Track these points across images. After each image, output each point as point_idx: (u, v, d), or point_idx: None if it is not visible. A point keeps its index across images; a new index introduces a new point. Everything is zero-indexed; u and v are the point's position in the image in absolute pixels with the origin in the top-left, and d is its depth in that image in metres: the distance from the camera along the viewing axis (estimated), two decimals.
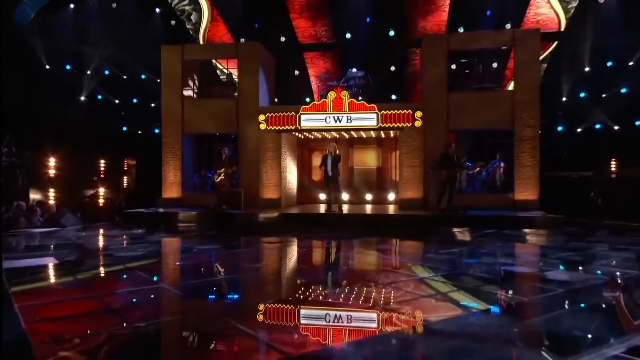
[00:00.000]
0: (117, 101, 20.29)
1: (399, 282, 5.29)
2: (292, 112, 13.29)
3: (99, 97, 19.62)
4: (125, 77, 19.94)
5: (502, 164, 13.58)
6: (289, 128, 13.34)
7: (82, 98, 18.96)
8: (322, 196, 12.60)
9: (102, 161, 16.59)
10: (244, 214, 11.98)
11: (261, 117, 13.38)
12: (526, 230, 10.36)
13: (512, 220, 10.99)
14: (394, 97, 18.95)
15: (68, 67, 18.99)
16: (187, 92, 14.33)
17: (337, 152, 12.16)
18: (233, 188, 13.20)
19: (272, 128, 13.35)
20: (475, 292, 4.80)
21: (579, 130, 18.31)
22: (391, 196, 15.13)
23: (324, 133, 14.57)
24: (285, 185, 14.02)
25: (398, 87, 18.71)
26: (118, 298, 4.53)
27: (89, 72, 18.87)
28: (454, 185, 11.62)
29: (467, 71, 13.82)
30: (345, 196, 15.62)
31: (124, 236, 9.56)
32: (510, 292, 4.93)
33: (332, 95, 13.29)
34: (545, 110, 15.11)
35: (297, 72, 20.60)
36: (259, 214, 11.97)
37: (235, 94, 13.88)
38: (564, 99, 18.36)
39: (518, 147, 12.65)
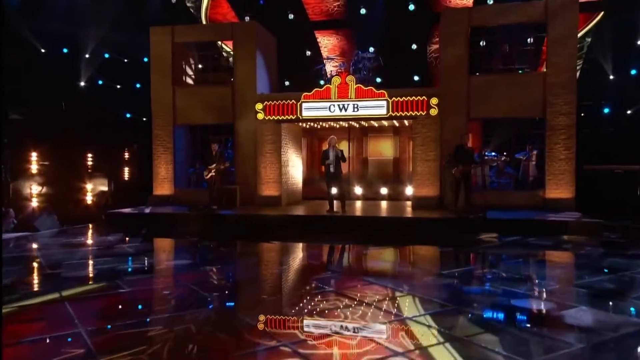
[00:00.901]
0: (118, 86, 19.78)
1: (373, 326, 4.39)
2: (293, 100, 12.39)
3: (100, 82, 19.15)
4: (126, 60, 19.38)
5: (531, 156, 12.34)
6: (289, 118, 12.46)
7: (82, 84, 18.52)
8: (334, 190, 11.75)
9: (90, 153, 16.09)
10: (235, 215, 11.23)
11: (258, 106, 12.53)
12: (556, 238, 9.22)
13: (540, 225, 9.86)
14: (416, 78, 17.74)
15: (65, 50, 18.54)
16: (184, 80, 13.59)
17: (338, 145, 11.22)
18: (228, 185, 12.48)
19: (271, 118, 12.51)
20: (462, 348, 3.86)
21: (628, 112, 16.63)
22: (409, 190, 14.05)
23: (331, 122, 13.59)
24: (287, 180, 13.20)
25: (420, 70, 17.43)
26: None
27: (87, 56, 18.37)
28: (469, 182, 10.62)
29: (491, 51, 12.52)
30: (358, 190, 14.87)
31: (89, 245, 8.97)
32: (510, 346, 3.95)
33: (336, 80, 12.30)
34: (588, 92, 13.70)
35: (308, 53, 19.59)
36: (254, 215, 11.20)
37: (233, 79, 13.02)
38: (611, 77, 16.72)
39: (550, 138, 11.38)
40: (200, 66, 13.96)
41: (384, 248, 8.92)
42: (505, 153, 12.65)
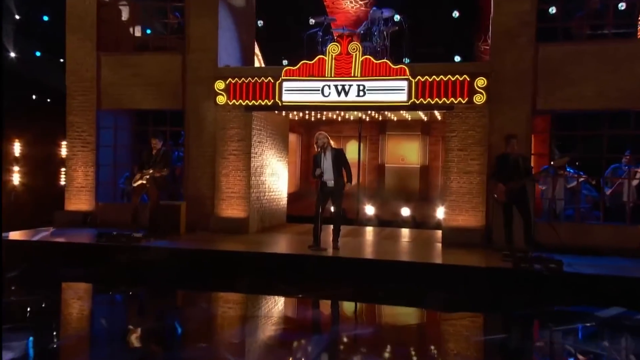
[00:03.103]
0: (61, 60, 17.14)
1: None
2: (269, 78, 9.60)
3: (37, 54, 16.55)
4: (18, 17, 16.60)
5: (632, 173, 9.18)
6: (264, 104, 9.69)
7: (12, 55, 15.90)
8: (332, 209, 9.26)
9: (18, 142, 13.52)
10: (166, 250, 8.35)
11: (219, 85, 9.79)
12: None
13: None
14: (457, 59, 14.72)
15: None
16: (115, 44, 10.85)
17: (332, 144, 8.40)
18: (168, 201, 9.70)
19: (238, 103, 9.77)
20: None
21: None
22: (441, 213, 11.40)
23: (328, 112, 10.81)
24: (259, 195, 10.44)
25: (462, 42, 14.37)
26: None
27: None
28: (526, 208, 7.92)
29: (572, 6, 9.50)
30: (369, 209, 12.31)
31: None
32: None
33: (333, 49, 9.45)
34: None
35: (312, 22, 16.63)
36: (194, 252, 8.33)
37: (185, 46, 10.24)
38: None
39: None
40: (137, 26, 11.24)
41: (390, 325, 5.95)
42: (582, 176, 9.51)
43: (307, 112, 10.73)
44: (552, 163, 8.76)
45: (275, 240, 9.70)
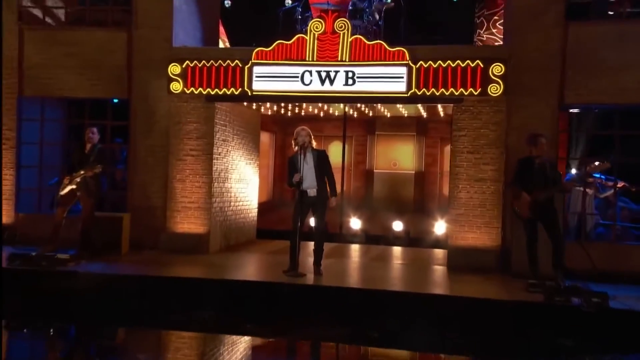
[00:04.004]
0: None
1: None
2: (237, 61, 8.42)
3: None
4: None
5: None
6: (230, 93, 8.53)
7: None
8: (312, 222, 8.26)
9: None
10: (100, 276, 6.95)
11: (174, 69, 8.61)
12: None
13: None
14: None
15: None
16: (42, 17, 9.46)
17: (313, 144, 7.20)
18: (108, 213, 8.36)
19: (197, 92, 8.61)
20: None
21: None
22: (440, 227, 10.90)
23: (308, 105, 9.64)
24: (223, 206, 9.30)
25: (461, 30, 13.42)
26: None
27: None
28: (554, 225, 6.86)
29: None
30: (355, 223, 11.39)
31: None
32: None
33: (316, 26, 8.31)
34: None
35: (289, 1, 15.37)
36: (134, 278, 6.93)
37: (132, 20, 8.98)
38: None
39: None
40: None
41: None
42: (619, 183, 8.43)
43: (282, 104, 9.63)
44: (585, 169, 7.67)
45: (242, 262, 8.48)
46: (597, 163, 7.04)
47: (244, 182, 10.09)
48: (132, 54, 8.87)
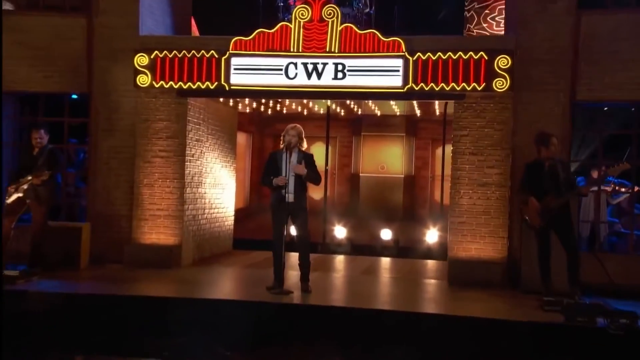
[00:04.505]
0: None
1: None
2: (212, 52, 7.93)
3: None
4: None
5: None
6: (204, 87, 7.98)
7: None
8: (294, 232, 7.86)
9: None
10: (45, 295, 6.32)
11: (141, 60, 8.06)
12: None
13: None
14: None
15: None
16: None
17: (304, 145, 6.68)
18: (64, 222, 7.76)
19: (167, 86, 8.05)
20: None
21: None
22: (432, 236, 10.46)
23: (291, 102, 9.21)
24: (197, 214, 8.74)
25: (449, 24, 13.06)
26: None
27: None
28: (570, 234, 6.48)
29: None
30: (340, 232, 10.79)
31: None
32: None
33: (302, 13, 7.83)
34: None
35: None
36: (98, 298, 6.25)
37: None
38: None
39: None
40: None
41: None
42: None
43: (263, 100, 9.05)
44: (603, 170, 7.24)
45: (219, 277, 7.86)
46: (618, 164, 6.58)
47: (219, 186, 9.51)
48: (93, 43, 8.31)
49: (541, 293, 6.37)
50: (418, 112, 10.44)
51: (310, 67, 7.64)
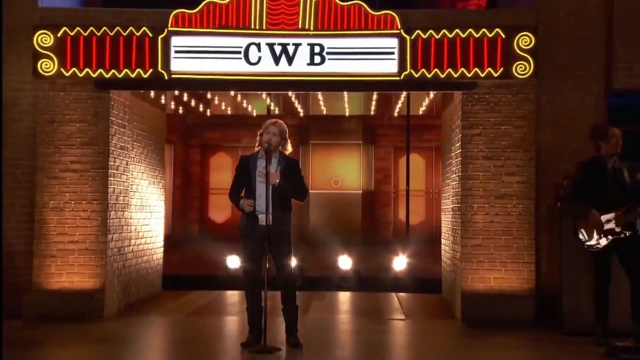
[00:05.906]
0: None
1: None
2: (144, 28, 6.72)
3: None
4: None
5: None
6: (134, 76, 6.74)
7: None
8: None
9: None
10: None
11: (43, 39, 6.73)
12: None
13: None
14: None
15: None
16: None
17: (288, 149, 5.49)
18: None
19: (82, 74, 6.75)
20: None
21: None
22: (399, 263, 9.75)
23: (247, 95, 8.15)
24: (123, 246, 7.28)
25: None
26: None
27: None
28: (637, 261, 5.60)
29: None
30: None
31: None
32: None
33: None
34: None
35: None
36: None
37: None
38: None
39: None
40: None
41: None
42: None
43: (210, 98, 7.88)
44: None
45: (156, 335, 6.46)
46: None
47: (147, 209, 8.04)
48: None
49: (590, 335, 5.50)
50: (406, 107, 9.61)
51: (278, 49, 6.56)
